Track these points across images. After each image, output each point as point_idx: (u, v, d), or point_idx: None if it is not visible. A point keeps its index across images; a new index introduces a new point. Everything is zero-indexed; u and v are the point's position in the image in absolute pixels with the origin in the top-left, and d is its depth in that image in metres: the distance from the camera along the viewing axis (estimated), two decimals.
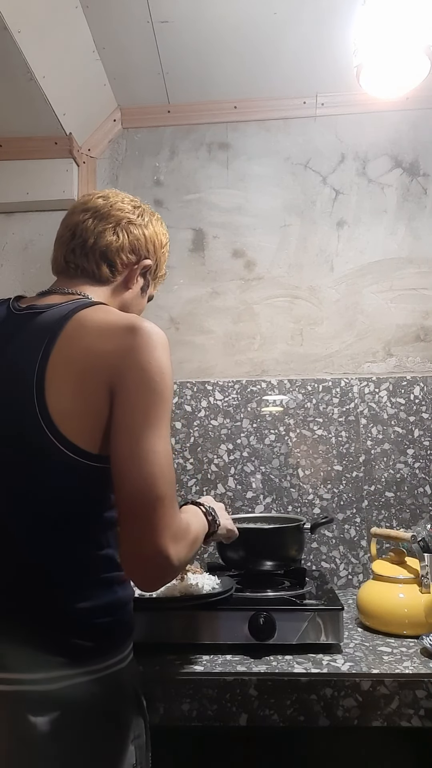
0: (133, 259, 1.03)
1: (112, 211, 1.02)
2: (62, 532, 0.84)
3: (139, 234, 1.03)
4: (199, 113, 1.81)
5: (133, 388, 0.81)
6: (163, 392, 0.82)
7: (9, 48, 1.33)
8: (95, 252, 1.00)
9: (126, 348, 0.82)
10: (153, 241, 1.06)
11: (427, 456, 1.66)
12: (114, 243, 1.01)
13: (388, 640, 1.22)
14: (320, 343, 1.75)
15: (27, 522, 0.84)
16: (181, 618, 1.16)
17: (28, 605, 0.83)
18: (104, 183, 1.83)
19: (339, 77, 1.65)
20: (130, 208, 1.04)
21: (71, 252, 1.01)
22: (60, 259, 1.03)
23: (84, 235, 1.00)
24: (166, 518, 0.78)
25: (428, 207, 1.75)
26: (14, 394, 0.85)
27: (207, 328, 1.78)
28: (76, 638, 0.83)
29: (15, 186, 1.76)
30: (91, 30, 1.50)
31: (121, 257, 1.02)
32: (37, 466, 0.83)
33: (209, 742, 1.09)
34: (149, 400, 0.81)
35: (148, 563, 0.79)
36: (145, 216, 1.06)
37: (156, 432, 0.80)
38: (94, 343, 0.84)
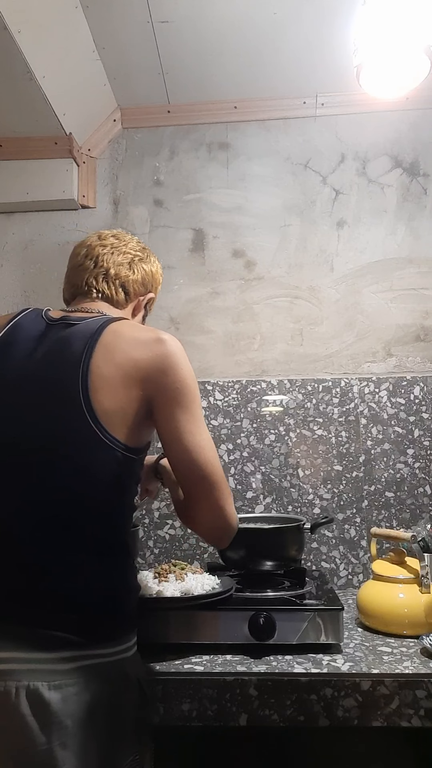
0: (143, 291, 1.21)
1: (126, 248, 1.19)
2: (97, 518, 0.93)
3: (148, 270, 1.21)
4: (199, 113, 1.81)
5: (173, 389, 0.97)
6: (194, 391, 0.99)
7: (9, 48, 1.33)
8: (116, 281, 1.16)
9: (160, 355, 0.97)
10: (155, 278, 1.24)
11: (427, 456, 1.66)
12: (131, 276, 1.18)
13: (388, 640, 1.22)
14: (320, 343, 1.75)
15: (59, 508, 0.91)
16: (181, 618, 1.16)
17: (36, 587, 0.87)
18: (104, 183, 1.83)
19: (339, 77, 1.65)
20: (138, 248, 1.22)
21: (94, 278, 1.15)
22: (80, 284, 1.16)
23: (106, 266, 1.16)
24: (227, 493, 0.99)
25: (428, 207, 1.76)
26: (59, 395, 0.95)
27: (207, 328, 1.78)
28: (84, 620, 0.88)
29: (15, 186, 1.76)
30: (91, 30, 1.50)
31: (134, 288, 1.19)
32: (82, 458, 0.92)
33: (209, 742, 1.09)
34: (188, 399, 0.97)
35: (223, 528, 1.01)
36: (150, 257, 1.24)
37: (197, 425, 0.98)
38: (130, 350, 0.97)
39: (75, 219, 1.81)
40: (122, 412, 0.94)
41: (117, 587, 0.94)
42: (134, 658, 0.95)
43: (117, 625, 0.92)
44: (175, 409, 0.96)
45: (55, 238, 1.81)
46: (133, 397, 0.95)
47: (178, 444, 0.97)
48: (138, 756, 0.91)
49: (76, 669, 0.85)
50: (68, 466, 0.92)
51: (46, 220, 1.81)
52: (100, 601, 0.90)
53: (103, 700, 0.86)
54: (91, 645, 0.87)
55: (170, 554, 1.66)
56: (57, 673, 0.83)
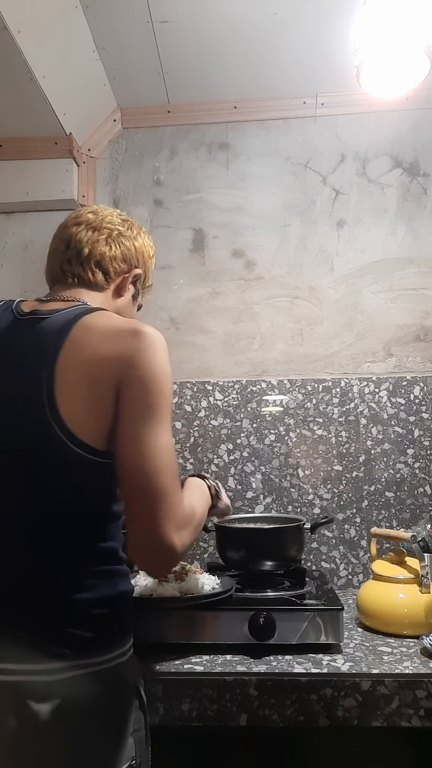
0: (125, 267, 1.09)
1: (103, 224, 1.08)
2: (71, 526, 0.88)
3: (130, 245, 1.10)
4: (199, 113, 1.81)
5: (136, 388, 0.86)
6: (164, 391, 0.88)
7: (9, 48, 1.33)
8: (90, 260, 1.05)
9: (131, 351, 0.88)
10: (142, 252, 1.13)
11: (427, 456, 1.66)
12: (107, 252, 1.07)
13: (388, 640, 1.22)
14: (320, 343, 1.75)
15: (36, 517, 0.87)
16: (181, 618, 1.16)
17: (28, 596, 0.85)
18: (104, 183, 1.83)
19: (339, 77, 1.65)
20: (119, 221, 1.11)
21: (67, 262, 1.06)
22: (56, 270, 1.08)
23: (78, 246, 1.06)
24: (169, 509, 0.83)
25: (428, 207, 1.75)
26: (23, 397, 0.88)
27: (207, 328, 1.78)
28: (78, 629, 0.85)
29: (15, 186, 1.76)
30: (91, 30, 1.50)
31: (114, 266, 1.07)
32: (49, 465, 0.87)
33: (209, 742, 1.09)
34: (152, 399, 0.86)
35: (155, 552, 0.84)
36: (133, 229, 1.13)
37: (158, 428, 0.85)
38: (100, 347, 0.88)
39: None
40: (94, 415, 0.86)
41: (108, 595, 0.90)
42: (130, 662, 0.92)
43: (110, 632, 0.89)
44: (136, 408, 0.86)
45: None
46: (105, 396, 0.86)
47: (129, 447, 0.84)
48: (135, 761, 0.89)
49: (66, 679, 0.82)
50: (41, 475, 0.87)
51: (46, 220, 1.81)
52: (91, 610, 0.87)
53: (96, 709, 0.84)
54: (82, 654, 0.84)
55: None
56: (45, 684, 0.81)
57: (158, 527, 0.82)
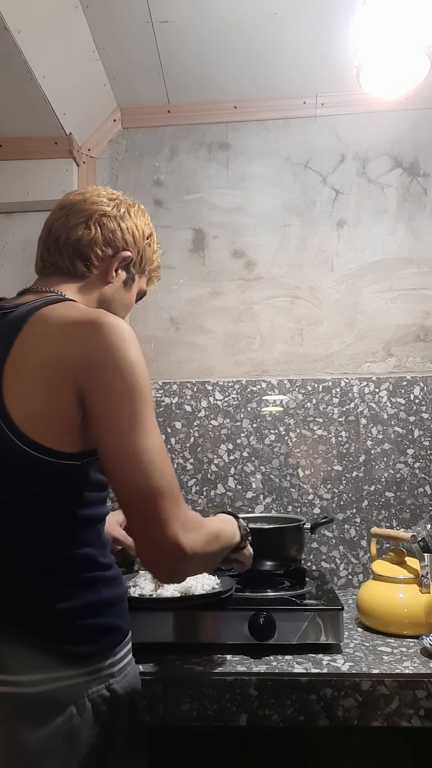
0: (110, 252, 1.00)
1: (86, 205, 1.00)
2: (36, 533, 0.82)
3: (114, 226, 1.00)
4: (199, 113, 1.81)
5: (110, 388, 0.79)
6: (141, 388, 0.80)
7: (9, 48, 1.33)
8: (68, 248, 0.97)
9: (93, 345, 0.80)
10: (132, 232, 1.02)
11: (427, 456, 1.66)
12: (86, 237, 0.98)
13: (388, 640, 1.22)
14: (320, 343, 1.75)
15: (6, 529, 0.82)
16: (181, 618, 1.16)
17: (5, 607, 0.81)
18: (104, 183, 1.83)
19: (339, 77, 1.65)
20: (105, 201, 1.01)
21: (47, 250, 0.99)
22: (38, 259, 1.02)
23: (57, 233, 0.99)
24: (170, 509, 0.77)
25: (428, 207, 1.75)
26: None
27: (207, 328, 1.77)
28: (61, 640, 0.81)
29: (15, 186, 1.76)
30: (91, 30, 1.50)
31: (95, 251, 0.98)
32: (3, 468, 0.81)
33: (209, 742, 1.09)
34: (130, 398, 0.79)
35: (162, 554, 0.78)
36: (121, 207, 1.02)
37: (143, 429, 0.78)
38: (56, 341, 0.81)
39: None
40: (51, 414, 0.79)
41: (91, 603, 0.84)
42: (123, 672, 0.87)
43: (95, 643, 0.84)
44: (115, 408, 0.78)
45: None
46: (63, 395, 0.79)
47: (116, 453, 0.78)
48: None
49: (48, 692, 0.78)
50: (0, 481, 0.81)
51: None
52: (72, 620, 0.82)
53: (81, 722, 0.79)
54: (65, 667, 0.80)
55: None
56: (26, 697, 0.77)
57: (163, 528, 0.77)
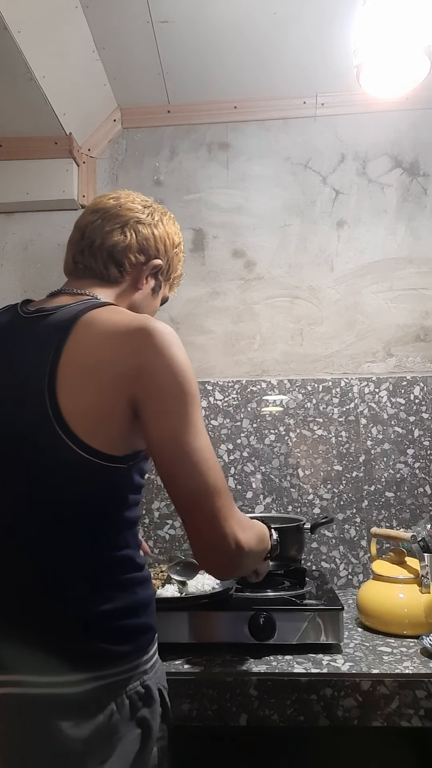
0: (142, 259, 1.02)
1: (121, 211, 1.01)
2: (77, 534, 0.83)
3: (148, 233, 1.02)
4: (199, 113, 1.81)
5: (164, 391, 0.82)
6: (192, 390, 0.83)
7: (9, 48, 1.33)
8: (102, 252, 0.99)
9: (145, 351, 0.82)
10: (164, 240, 1.04)
11: (427, 456, 1.66)
12: (121, 243, 0.99)
13: (388, 640, 1.22)
14: (320, 343, 1.75)
15: (40, 524, 0.83)
16: (181, 618, 1.16)
17: (45, 610, 0.81)
18: (104, 183, 1.83)
19: (339, 77, 1.65)
20: (140, 208, 1.03)
21: (80, 253, 1.01)
22: (69, 260, 1.03)
23: (92, 236, 1.00)
24: (226, 507, 0.82)
25: (428, 207, 1.75)
26: (25, 396, 0.84)
27: (207, 328, 1.77)
28: (99, 641, 0.82)
29: (15, 186, 1.76)
30: (91, 30, 1.50)
31: (129, 257, 1.00)
32: (51, 467, 0.83)
33: (209, 742, 1.09)
34: (182, 401, 0.82)
35: (221, 551, 0.81)
36: (155, 215, 1.04)
37: (195, 429, 0.82)
38: (107, 345, 0.83)
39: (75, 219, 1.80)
40: (101, 416, 0.81)
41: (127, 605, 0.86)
42: (154, 669, 0.89)
43: (131, 642, 0.85)
44: (168, 411, 0.82)
45: (55, 238, 1.81)
46: (114, 398, 0.82)
47: (170, 451, 0.82)
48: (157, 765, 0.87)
49: (88, 691, 0.79)
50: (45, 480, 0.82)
51: (46, 220, 1.81)
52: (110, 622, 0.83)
53: (120, 720, 0.81)
54: (104, 666, 0.81)
55: (170, 554, 1.66)
56: (68, 697, 0.78)
57: (221, 525, 0.80)
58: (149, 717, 0.85)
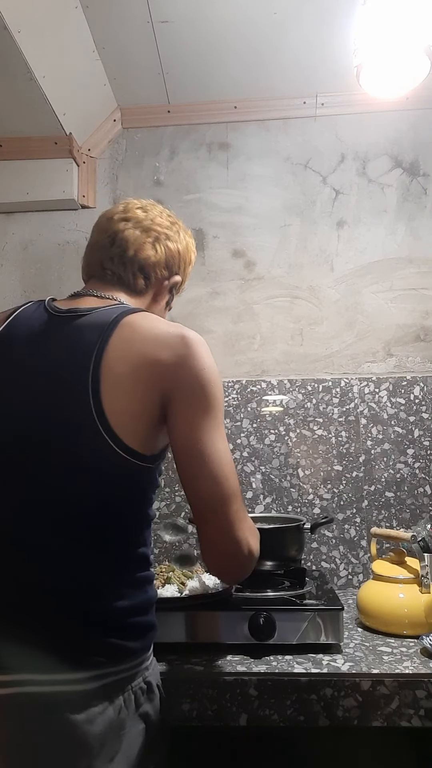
0: (166, 274, 1.07)
1: (153, 225, 1.05)
2: (106, 531, 0.86)
3: (175, 252, 1.07)
4: (199, 113, 1.81)
5: (192, 395, 0.86)
6: (218, 396, 0.89)
7: (9, 48, 1.33)
8: (134, 263, 1.03)
9: (181, 357, 0.87)
10: (185, 258, 1.10)
11: (427, 456, 1.66)
12: (153, 257, 1.04)
13: (388, 640, 1.22)
14: (320, 343, 1.75)
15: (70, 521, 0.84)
16: (181, 618, 1.15)
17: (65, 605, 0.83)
18: (104, 183, 1.83)
19: (339, 77, 1.65)
20: (168, 224, 1.08)
21: (110, 260, 1.03)
22: (96, 265, 1.04)
23: (124, 245, 1.03)
24: (240, 513, 0.85)
25: (428, 207, 1.75)
26: (65, 395, 0.86)
27: (207, 328, 1.77)
28: (112, 638, 0.84)
29: (15, 186, 1.76)
30: (91, 30, 1.50)
31: (156, 271, 1.05)
32: (89, 465, 0.84)
33: (209, 742, 1.09)
34: (208, 406, 0.87)
35: (231, 557, 0.86)
36: (180, 233, 1.10)
37: (217, 434, 0.86)
38: (148, 349, 0.87)
39: (75, 219, 1.81)
40: (136, 416, 0.85)
41: (139, 603, 0.88)
42: (153, 664, 0.93)
43: (140, 639, 0.88)
44: (193, 414, 0.86)
45: (55, 238, 1.81)
46: (149, 399, 0.85)
47: (191, 452, 0.85)
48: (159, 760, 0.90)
49: (100, 688, 0.80)
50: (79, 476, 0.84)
51: (46, 220, 1.81)
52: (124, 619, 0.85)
53: (127, 715, 0.83)
54: (115, 663, 0.83)
55: (170, 554, 1.66)
56: (81, 694, 0.79)
57: (234, 531, 0.84)
58: (151, 711, 0.88)
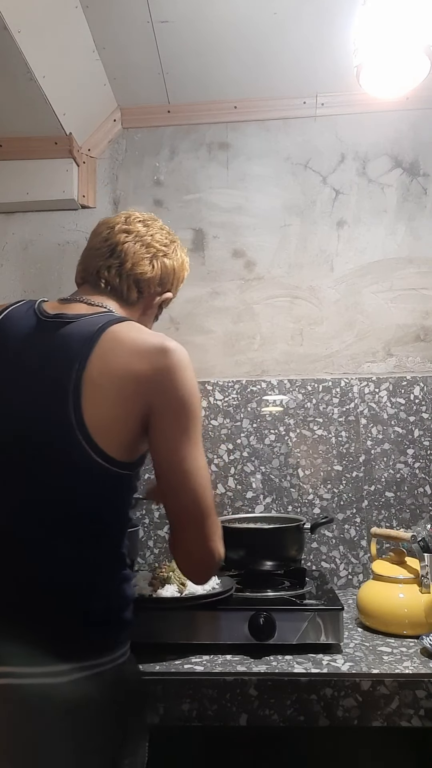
0: (159, 290, 1.11)
1: (153, 241, 1.08)
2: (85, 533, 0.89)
3: (170, 270, 1.11)
4: (199, 113, 1.81)
5: (172, 412, 0.89)
6: (197, 411, 0.91)
7: (9, 48, 1.33)
8: (130, 277, 1.06)
9: (162, 369, 0.89)
10: (179, 276, 1.14)
11: (427, 456, 1.66)
12: (149, 273, 1.07)
13: (388, 640, 1.22)
14: (320, 343, 1.75)
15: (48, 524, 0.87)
16: (181, 618, 1.16)
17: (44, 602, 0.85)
18: (104, 183, 1.83)
19: (339, 77, 1.65)
20: (167, 242, 1.11)
21: (107, 268, 1.05)
22: (92, 271, 1.07)
23: (123, 257, 1.06)
24: (214, 526, 0.91)
25: (428, 207, 1.75)
26: (47, 401, 0.89)
27: (207, 328, 1.77)
28: (92, 635, 0.87)
29: (15, 186, 1.76)
30: (91, 30, 1.50)
31: (150, 287, 1.09)
32: (66, 471, 0.87)
33: (209, 742, 1.09)
34: (188, 423, 0.90)
35: (204, 564, 0.92)
36: (177, 251, 1.13)
37: (197, 450, 0.90)
38: (130, 360, 0.89)
39: (75, 219, 1.81)
40: (116, 426, 0.88)
41: (116, 602, 0.91)
42: (129, 661, 0.94)
43: (115, 636, 0.90)
44: (174, 430, 0.89)
45: (55, 238, 1.81)
46: (130, 410, 0.88)
47: (171, 468, 0.90)
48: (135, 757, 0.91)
49: (73, 681, 0.83)
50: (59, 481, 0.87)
51: (46, 220, 1.81)
52: (99, 617, 0.88)
53: (101, 709, 0.85)
54: (88, 657, 0.85)
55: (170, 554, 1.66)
56: (53, 686, 0.81)
57: (208, 542, 0.90)
58: (125, 706, 0.89)
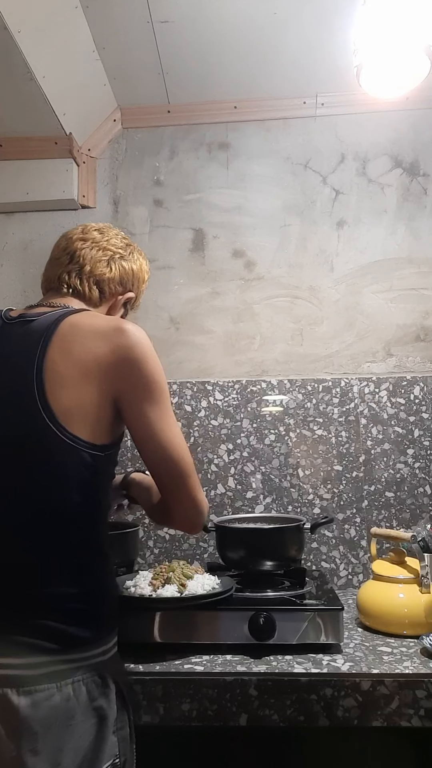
0: (120, 290, 1.16)
1: (108, 245, 1.15)
2: (62, 520, 0.90)
3: (128, 269, 1.16)
4: (199, 113, 1.81)
5: (138, 388, 0.94)
6: (161, 383, 0.97)
7: (9, 48, 1.33)
8: (90, 278, 1.12)
9: (121, 348, 0.94)
10: (138, 276, 1.19)
11: (427, 456, 1.66)
12: (107, 273, 1.13)
13: (388, 640, 1.22)
14: (320, 343, 1.75)
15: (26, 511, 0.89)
16: (181, 618, 1.16)
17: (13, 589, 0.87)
18: (104, 183, 1.83)
19: (339, 77, 1.65)
20: (122, 245, 1.17)
21: (67, 273, 1.11)
22: (54, 279, 1.12)
23: (81, 261, 1.12)
24: (196, 482, 0.99)
25: (428, 207, 1.75)
26: (14, 393, 0.92)
27: (207, 328, 1.78)
28: (61, 624, 0.87)
29: (15, 186, 1.76)
30: (91, 30, 1.50)
31: (110, 287, 1.14)
32: (41, 458, 0.90)
33: (209, 742, 1.09)
34: (154, 396, 0.95)
35: (196, 515, 1.00)
36: (134, 254, 1.19)
37: (169, 420, 0.97)
38: (88, 343, 0.94)
39: (75, 219, 1.81)
40: (84, 409, 0.91)
41: (92, 591, 0.92)
42: (112, 661, 0.93)
43: (92, 629, 0.90)
44: (144, 405, 0.94)
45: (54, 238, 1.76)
46: (95, 392, 0.92)
47: (151, 441, 0.96)
48: (118, 759, 0.90)
49: (47, 674, 0.84)
50: (30, 467, 0.90)
51: (46, 220, 1.81)
52: (73, 605, 0.89)
53: (77, 705, 0.85)
54: (63, 650, 0.86)
55: (170, 554, 1.66)
56: (26, 678, 0.83)
57: (194, 497, 0.98)
58: (106, 706, 0.89)
